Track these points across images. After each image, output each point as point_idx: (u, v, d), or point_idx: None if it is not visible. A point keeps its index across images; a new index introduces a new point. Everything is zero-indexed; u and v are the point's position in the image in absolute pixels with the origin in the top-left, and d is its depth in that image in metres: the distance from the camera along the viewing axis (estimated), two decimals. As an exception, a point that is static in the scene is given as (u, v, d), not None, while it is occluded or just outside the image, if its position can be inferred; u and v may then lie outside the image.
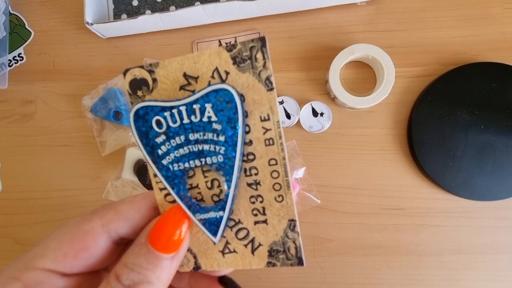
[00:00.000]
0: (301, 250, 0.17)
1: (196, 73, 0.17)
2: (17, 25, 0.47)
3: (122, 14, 0.45)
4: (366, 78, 0.41)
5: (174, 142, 0.17)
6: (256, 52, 0.16)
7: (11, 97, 0.46)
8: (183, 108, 0.16)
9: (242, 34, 0.43)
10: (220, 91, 0.16)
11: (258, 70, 0.16)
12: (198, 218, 0.17)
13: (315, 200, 0.40)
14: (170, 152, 0.17)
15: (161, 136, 0.17)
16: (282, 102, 0.42)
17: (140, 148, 0.17)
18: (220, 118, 0.16)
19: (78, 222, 0.18)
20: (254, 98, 0.16)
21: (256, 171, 0.17)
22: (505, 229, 0.39)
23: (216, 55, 0.16)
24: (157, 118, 0.17)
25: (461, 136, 0.39)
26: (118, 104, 0.42)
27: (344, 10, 0.42)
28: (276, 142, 0.17)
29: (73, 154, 0.45)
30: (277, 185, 0.17)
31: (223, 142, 0.16)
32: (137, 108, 0.17)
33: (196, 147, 0.17)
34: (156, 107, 0.17)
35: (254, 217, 0.18)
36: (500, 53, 0.40)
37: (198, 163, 0.17)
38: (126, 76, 0.17)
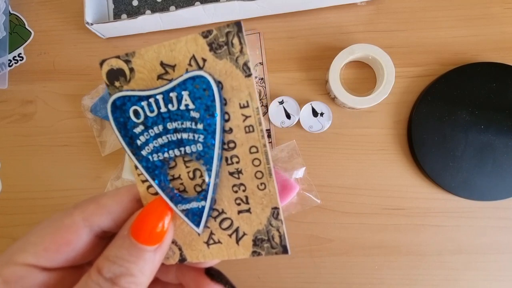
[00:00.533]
0: (285, 238, 0.17)
1: (173, 62, 0.16)
2: (17, 25, 0.47)
3: (122, 14, 0.45)
4: (366, 78, 0.41)
5: (152, 132, 0.17)
6: (232, 38, 0.15)
7: (11, 97, 0.46)
8: (159, 96, 0.16)
9: (242, 34, 0.43)
10: (197, 78, 0.16)
11: (235, 56, 0.16)
12: (180, 209, 0.17)
13: (315, 200, 0.40)
14: (149, 142, 0.17)
15: (139, 127, 0.17)
16: (282, 102, 0.42)
17: (118, 139, 0.17)
18: (198, 106, 0.16)
19: (60, 216, 0.18)
20: (232, 85, 0.16)
21: (238, 160, 0.17)
22: (505, 229, 0.39)
23: (193, 41, 0.16)
24: (134, 108, 0.16)
25: (461, 136, 0.39)
26: (118, 104, 0.42)
27: (344, 10, 0.42)
28: (256, 129, 0.16)
29: (73, 154, 0.45)
30: (259, 173, 0.17)
31: (201, 130, 0.16)
32: (114, 98, 0.16)
33: (175, 136, 0.16)
34: (133, 96, 0.16)
35: (238, 206, 0.17)
36: (500, 53, 0.40)
37: (178, 153, 0.17)
38: (102, 67, 0.17)
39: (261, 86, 0.43)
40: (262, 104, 0.43)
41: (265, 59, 0.43)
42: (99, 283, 0.16)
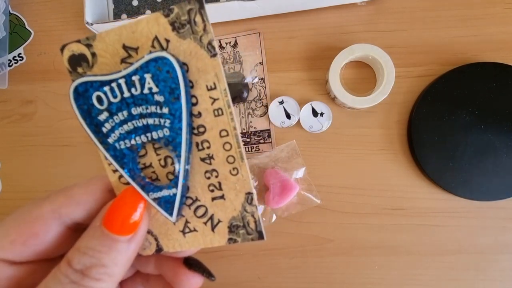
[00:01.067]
0: (261, 223, 0.17)
1: (135, 44, 0.16)
2: (17, 25, 0.47)
3: (122, 14, 0.45)
4: (366, 78, 0.41)
5: (117, 118, 0.16)
6: (194, 16, 0.15)
7: (11, 97, 0.46)
8: (122, 81, 0.15)
9: (242, 34, 0.43)
10: (159, 60, 0.15)
11: (199, 35, 0.15)
12: (152, 197, 0.17)
13: (315, 200, 0.40)
14: (114, 130, 0.16)
15: (103, 113, 0.16)
16: (282, 102, 0.42)
17: (84, 128, 0.16)
18: (162, 89, 0.15)
19: (28, 208, 0.17)
20: (198, 66, 0.15)
21: (208, 144, 0.16)
22: (505, 229, 0.39)
23: (154, 21, 0.15)
24: (97, 94, 0.16)
25: (461, 136, 0.39)
26: (118, 104, 0.42)
27: (344, 10, 0.42)
28: (225, 112, 0.16)
29: (73, 154, 0.45)
30: (230, 158, 0.16)
31: (167, 114, 0.15)
32: (76, 85, 0.16)
33: (141, 122, 0.16)
34: (95, 82, 0.16)
35: (211, 193, 0.17)
36: (500, 53, 0.40)
37: (145, 139, 0.16)
38: (63, 52, 0.16)
39: (261, 86, 0.43)
40: (262, 104, 0.43)
41: (265, 59, 0.43)
42: (68, 274, 0.15)
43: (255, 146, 0.43)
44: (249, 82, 0.43)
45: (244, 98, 0.42)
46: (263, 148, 0.42)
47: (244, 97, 0.42)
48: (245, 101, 0.43)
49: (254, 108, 0.43)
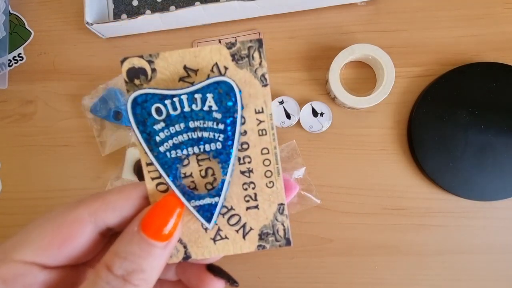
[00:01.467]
0: (289, 231, 0.18)
1: (196, 67, 0.17)
2: (17, 25, 0.47)
3: (122, 14, 0.45)
4: (366, 78, 0.41)
5: (173, 129, 0.17)
6: (253, 52, 0.17)
7: (11, 97, 0.46)
8: (184, 96, 0.17)
9: (242, 34, 0.43)
10: (222, 83, 0.17)
11: (255, 68, 0.17)
12: (193, 205, 0.18)
13: (315, 200, 0.40)
14: (168, 139, 0.17)
15: (160, 124, 0.17)
16: (282, 102, 0.42)
17: (136, 135, 0.17)
18: (220, 107, 0.17)
19: (62, 211, 0.17)
20: (250, 92, 0.18)
21: (250, 159, 0.18)
22: (505, 229, 0.39)
23: (217, 51, 0.17)
24: (157, 105, 0.17)
25: (461, 136, 0.39)
26: (118, 104, 0.42)
27: (344, 10, 0.42)
28: (268, 133, 0.18)
29: (73, 154, 0.45)
30: (268, 172, 0.18)
31: (222, 130, 0.17)
32: (136, 95, 0.17)
33: (196, 134, 0.17)
34: (157, 95, 0.17)
35: (246, 203, 0.18)
36: (500, 53, 0.40)
37: (197, 150, 0.17)
38: (123, 64, 0.17)
39: (261, 86, 0.43)
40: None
41: (265, 59, 0.43)
42: (109, 281, 0.15)
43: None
44: (249, 82, 0.43)
45: (244, 98, 0.42)
46: (263, 148, 0.42)
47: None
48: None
49: (254, 108, 0.43)
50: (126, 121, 0.43)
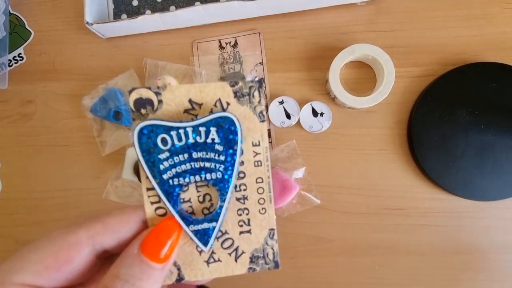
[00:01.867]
0: (278, 254, 0.20)
1: (200, 100, 0.19)
2: (17, 25, 0.47)
3: (122, 14, 0.45)
4: (366, 78, 0.41)
5: (177, 159, 0.18)
6: (254, 91, 0.19)
7: (11, 97, 0.46)
8: (189, 129, 0.18)
9: (242, 34, 0.43)
10: (225, 118, 0.18)
11: (254, 105, 0.19)
12: (191, 230, 0.19)
13: (315, 200, 0.40)
14: (171, 168, 0.18)
15: (164, 153, 0.18)
16: (282, 102, 0.42)
17: (140, 163, 0.18)
18: (222, 140, 0.18)
19: (63, 234, 0.17)
20: (248, 126, 0.19)
21: (245, 187, 0.20)
22: (505, 229, 0.39)
23: (221, 88, 0.19)
24: (163, 136, 0.18)
25: (461, 136, 0.39)
26: (118, 104, 0.42)
27: (344, 10, 0.42)
28: (263, 164, 0.20)
29: (73, 154, 0.45)
30: (261, 200, 0.20)
31: (222, 161, 0.19)
32: (143, 126, 0.18)
33: (198, 164, 0.19)
34: (162, 126, 0.18)
35: (240, 228, 0.20)
36: (500, 53, 0.40)
37: (198, 179, 0.19)
38: (131, 94, 0.18)
39: (261, 86, 0.43)
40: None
41: (265, 59, 0.43)
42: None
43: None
44: (249, 82, 0.43)
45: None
46: (263, 148, 0.42)
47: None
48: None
49: (254, 108, 0.43)
50: (126, 121, 0.43)
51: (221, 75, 0.43)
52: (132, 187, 0.42)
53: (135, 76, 0.44)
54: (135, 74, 0.44)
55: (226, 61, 0.43)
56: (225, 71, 0.43)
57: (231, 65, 0.43)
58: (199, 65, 0.43)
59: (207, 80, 0.43)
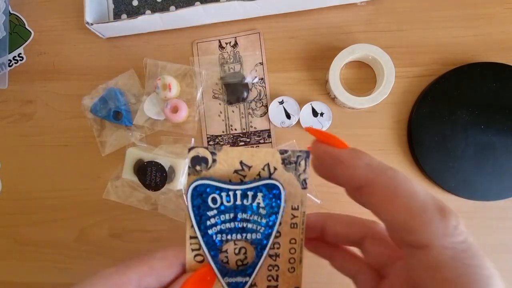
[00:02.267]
0: None
1: (250, 163, 0.20)
2: (17, 25, 0.47)
3: (122, 14, 0.45)
4: (366, 78, 0.41)
5: (223, 217, 0.20)
6: (301, 160, 0.20)
7: (11, 97, 0.46)
8: (238, 192, 0.20)
9: (242, 34, 0.43)
10: (271, 185, 0.20)
11: (299, 173, 0.20)
12: (226, 281, 0.20)
13: (315, 200, 0.40)
14: (217, 224, 0.20)
15: (213, 211, 0.20)
16: (282, 102, 0.42)
17: (189, 215, 0.20)
18: (266, 205, 0.20)
19: (114, 273, 0.19)
20: (290, 191, 0.20)
21: (279, 246, 0.21)
22: (505, 229, 0.39)
23: (271, 154, 0.20)
24: (213, 195, 0.19)
25: (461, 136, 0.39)
26: (118, 104, 0.42)
27: (344, 10, 0.42)
28: (299, 227, 0.21)
29: (73, 154, 0.45)
30: (292, 259, 0.21)
31: (264, 224, 0.20)
32: (197, 184, 0.19)
33: (241, 224, 0.20)
34: (214, 186, 0.19)
35: (268, 282, 0.21)
36: (500, 53, 0.40)
37: (239, 237, 0.20)
38: (190, 152, 0.20)
39: (261, 86, 0.43)
40: (262, 104, 0.43)
41: (265, 59, 0.43)
42: None
43: (255, 146, 0.43)
44: (249, 82, 0.43)
45: (244, 98, 0.42)
46: (263, 148, 0.43)
47: (244, 97, 0.42)
48: (245, 101, 0.43)
49: (254, 108, 0.43)
50: (126, 121, 0.43)
51: (221, 75, 0.43)
52: (132, 187, 0.42)
53: (135, 76, 0.44)
54: (135, 74, 0.44)
55: (226, 61, 0.43)
56: (225, 71, 0.43)
57: (231, 65, 0.43)
58: (199, 65, 0.43)
59: (206, 80, 0.43)
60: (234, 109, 0.43)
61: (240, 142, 0.43)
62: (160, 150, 0.42)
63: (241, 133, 0.43)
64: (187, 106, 0.42)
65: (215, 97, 0.43)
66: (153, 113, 0.42)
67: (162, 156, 0.40)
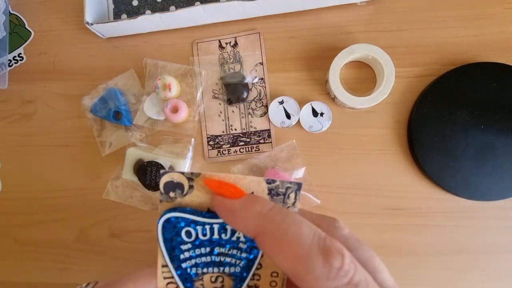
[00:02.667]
0: None
1: None
2: (17, 25, 0.47)
3: (122, 14, 0.45)
4: (366, 78, 0.41)
5: (198, 251, 0.18)
6: (290, 192, 0.18)
7: (11, 97, 0.46)
8: (216, 226, 0.18)
9: (242, 34, 0.43)
10: None
11: (288, 206, 0.18)
12: None
13: (315, 200, 0.40)
14: (191, 258, 0.18)
15: (187, 244, 0.18)
16: (282, 102, 0.42)
17: (161, 248, 0.18)
18: (247, 238, 0.18)
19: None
20: None
21: (259, 277, 0.19)
22: (505, 229, 0.39)
23: (257, 183, 0.18)
24: (187, 229, 0.18)
25: (461, 136, 0.39)
26: (118, 104, 0.42)
27: (344, 10, 0.42)
28: None
29: (73, 154, 0.45)
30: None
31: (244, 257, 0.19)
32: (170, 216, 0.18)
33: (218, 258, 0.18)
34: (189, 219, 0.18)
35: None
36: (500, 53, 0.40)
37: (216, 270, 0.19)
38: (162, 177, 0.18)
39: (261, 86, 0.43)
40: (262, 104, 0.43)
41: (265, 59, 0.43)
42: None
43: (255, 146, 0.43)
44: (249, 82, 0.43)
45: (244, 98, 0.42)
46: (263, 148, 0.43)
47: (244, 97, 0.42)
48: (245, 101, 0.43)
49: (254, 108, 0.43)
50: (126, 121, 0.43)
51: (221, 75, 0.43)
52: (132, 187, 0.42)
53: (135, 76, 0.44)
54: (135, 74, 0.44)
55: (226, 61, 0.43)
56: (225, 71, 0.43)
57: (231, 65, 0.43)
58: (199, 65, 0.43)
59: (206, 80, 0.43)
60: (234, 109, 0.43)
61: (240, 142, 0.43)
62: (160, 150, 0.42)
63: (241, 133, 0.43)
64: (187, 106, 0.42)
65: (215, 97, 0.43)
66: (153, 113, 0.42)
67: (162, 156, 0.40)
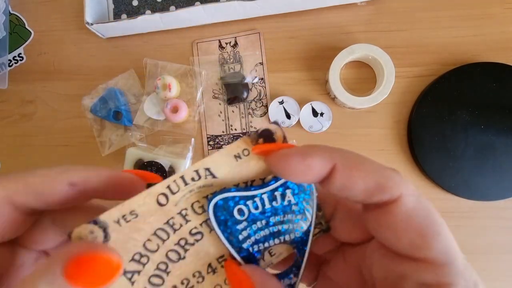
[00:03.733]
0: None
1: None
2: (17, 25, 0.47)
3: (122, 14, 0.45)
4: (366, 78, 0.41)
5: (255, 226, 0.18)
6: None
7: (11, 97, 0.46)
8: (265, 195, 0.18)
9: (242, 34, 0.43)
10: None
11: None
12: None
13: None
14: (250, 236, 0.18)
15: (242, 223, 0.18)
16: (282, 102, 0.42)
17: (218, 234, 0.18)
18: (298, 200, 0.18)
19: None
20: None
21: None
22: (505, 229, 0.39)
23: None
24: (239, 207, 0.18)
25: (461, 136, 0.39)
26: (118, 104, 0.42)
27: (344, 10, 0.42)
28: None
29: (73, 154, 0.45)
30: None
31: (299, 219, 0.18)
32: (217, 200, 0.18)
33: (276, 228, 0.18)
34: (236, 197, 0.18)
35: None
36: (500, 53, 0.40)
37: (277, 241, 0.18)
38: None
39: (261, 86, 0.43)
40: (262, 104, 0.43)
41: (265, 59, 0.43)
42: None
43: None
44: (249, 82, 0.43)
45: (244, 98, 0.42)
46: (263, 148, 0.42)
47: (244, 97, 0.42)
48: (245, 101, 0.43)
49: (254, 108, 0.43)
50: (126, 121, 0.43)
51: (221, 75, 0.43)
52: (132, 187, 0.42)
53: (135, 76, 0.44)
54: (135, 74, 0.44)
55: (226, 61, 0.43)
56: (225, 71, 0.43)
57: (231, 65, 0.43)
58: (199, 65, 0.43)
59: (206, 80, 0.43)
60: (234, 109, 0.43)
61: (240, 142, 0.43)
62: (160, 150, 0.42)
63: (241, 133, 0.43)
64: (187, 106, 0.42)
65: (215, 97, 0.43)
66: (153, 113, 0.42)
67: (162, 156, 0.40)
